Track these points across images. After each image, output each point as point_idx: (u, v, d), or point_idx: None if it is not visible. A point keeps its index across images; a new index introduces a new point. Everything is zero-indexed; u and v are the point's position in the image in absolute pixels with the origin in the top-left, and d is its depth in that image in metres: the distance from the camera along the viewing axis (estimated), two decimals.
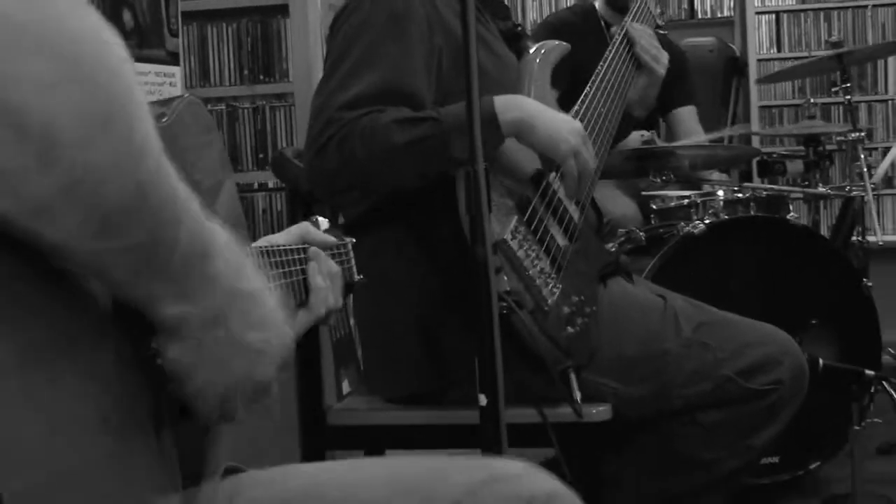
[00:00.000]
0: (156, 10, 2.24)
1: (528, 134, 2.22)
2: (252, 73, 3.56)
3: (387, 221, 2.35)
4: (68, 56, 0.77)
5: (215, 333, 1.00)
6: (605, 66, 2.60)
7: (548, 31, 4.38)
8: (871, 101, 5.89)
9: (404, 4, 2.27)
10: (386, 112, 2.13)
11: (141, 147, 0.84)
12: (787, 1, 6.02)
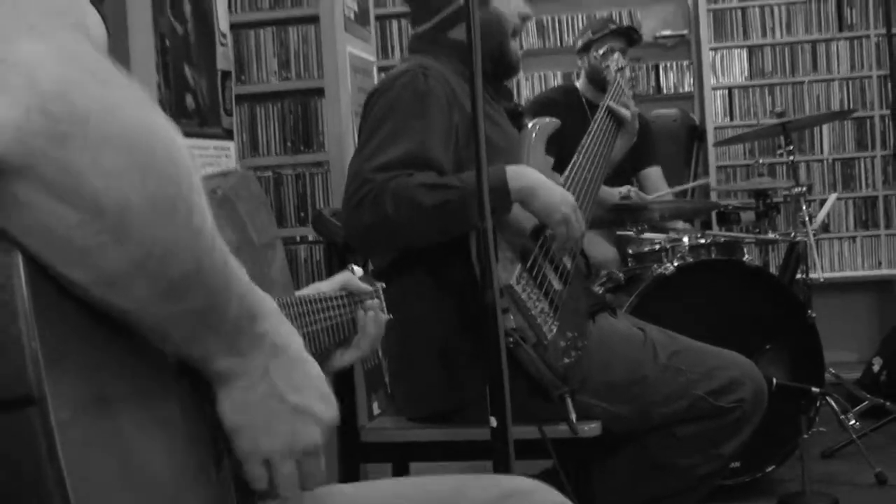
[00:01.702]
0: (213, 94, 2.23)
1: (530, 201, 2.24)
2: (294, 145, 3.56)
3: (410, 268, 2.35)
4: (138, 148, 0.75)
5: (262, 387, 0.97)
6: (589, 138, 2.61)
7: (539, 107, 4.40)
8: (810, 161, 5.89)
9: (426, 87, 2.29)
10: (414, 176, 2.15)
11: (199, 226, 0.82)
12: (738, 78, 6.03)
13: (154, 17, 2.02)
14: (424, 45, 2.55)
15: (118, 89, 0.75)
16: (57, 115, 0.69)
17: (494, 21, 2.49)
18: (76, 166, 0.71)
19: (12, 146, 0.68)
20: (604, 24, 4.51)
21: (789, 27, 5.97)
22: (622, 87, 2.81)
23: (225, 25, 2.35)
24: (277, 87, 3.57)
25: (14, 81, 0.68)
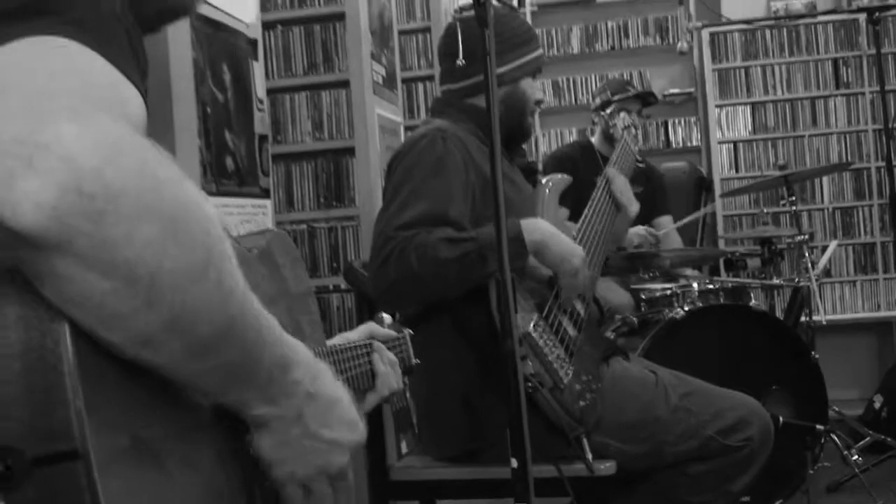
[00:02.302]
0: (251, 156, 2.25)
1: (543, 253, 2.24)
2: (327, 200, 3.57)
3: (435, 317, 2.35)
4: (170, 220, 0.75)
5: (296, 430, 0.97)
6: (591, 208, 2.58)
7: (556, 162, 4.42)
8: (812, 210, 5.87)
9: (444, 150, 2.30)
10: (433, 232, 2.14)
11: (230, 288, 0.82)
12: (742, 133, 6.02)
13: (196, 86, 2.03)
14: (444, 108, 2.56)
15: (152, 165, 0.75)
16: (91, 193, 0.70)
17: (519, 98, 2.52)
18: (111, 239, 0.71)
19: (50, 225, 0.69)
20: (622, 87, 4.51)
21: (789, 85, 5.98)
22: (629, 144, 2.81)
23: (262, 92, 2.37)
24: (311, 147, 3.59)
25: (51, 163, 0.69)
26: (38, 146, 0.69)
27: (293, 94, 3.60)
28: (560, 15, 6.67)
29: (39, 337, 0.72)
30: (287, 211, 3.58)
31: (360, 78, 3.50)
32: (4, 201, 0.68)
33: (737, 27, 5.92)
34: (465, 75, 2.50)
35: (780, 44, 6.00)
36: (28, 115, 0.71)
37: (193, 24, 2.05)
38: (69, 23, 0.82)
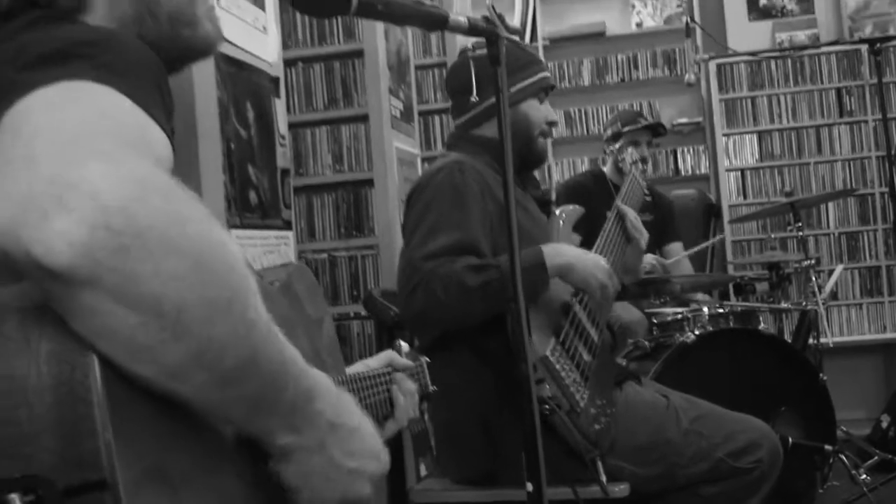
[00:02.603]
0: (274, 189, 2.26)
1: (568, 274, 2.24)
2: (347, 230, 3.58)
3: (453, 343, 2.34)
4: (195, 255, 0.76)
5: (319, 459, 0.97)
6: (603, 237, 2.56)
7: (570, 191, 4.41)
8: (818, 235, 5.85)
9: (462, 181, 2.31)
10: (457, 261, 2.15)
11: (254, 321, 0.83)
12: (749, 161, 6.01)
13: (221, 124, 2.05)
14: (458, 141, 2.57)
15: (178, 203, 0.76)
16: (119, 230, 0.70)
17: (521, 121, 2.51)
18: (138, 274, 0.72)
19: (79, 261, 0.69)
20: (633, 118, 4.49)
21: (795, 114, 5.97)
22: (637, 178, 2.81)
23: (284, 128, 2.38)
24: (332, 179, 3.60)
25: (81, 202, 0.70)
26: (69, 186, 0.70)
27: (314, 129, 3.62)
28: (571, 48, 6.69)
29: (69, 370, 0.73)
30: (309, 241, 3.59)
31: (379, 112, 3.52)
32: (37, 240, 0.69)
33: (743, 58, 5.93)
34: (469, 107, 2.51)
35: (785, 74, 6.00)
36: (59, 157, 0.72)
37: (218, 65, 2.06)
38: (98, 67, 0.84)
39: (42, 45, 0.88)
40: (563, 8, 6.78)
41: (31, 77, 0.81)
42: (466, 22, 1.37)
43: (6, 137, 0.75)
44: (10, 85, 0.81)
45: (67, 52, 0.85)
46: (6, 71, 0.86)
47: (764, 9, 6.31)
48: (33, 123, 0.75)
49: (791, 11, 6.27)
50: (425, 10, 1.34)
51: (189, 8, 1.19)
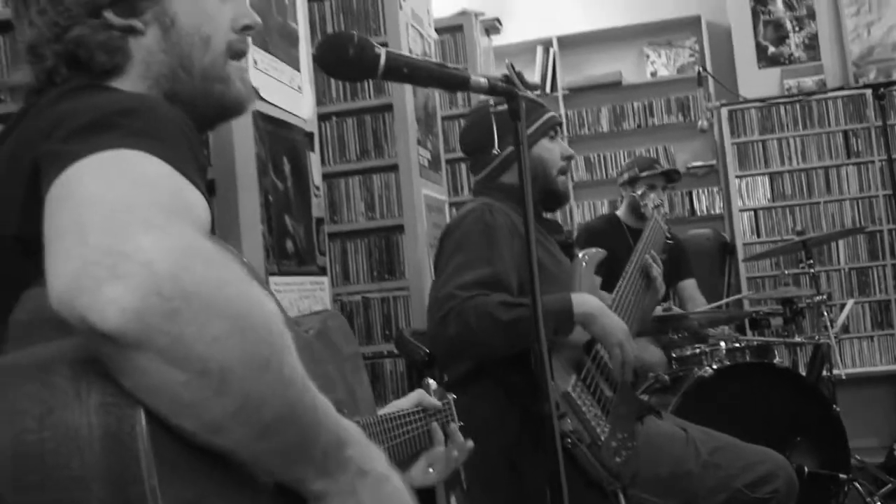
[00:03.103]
0: (309, 238, 2.27)
1: (591, 325, 2.23)
2: (379, 274, 3.59)
3: (480, 379, 2.34)
4: (237, 317, 0.77)
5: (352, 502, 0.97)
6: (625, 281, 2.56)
7: (588, 235, 4.41)
8: (829, 271, 5.81)
9: (492, 220, 2.32)
10: (492, 295, 2.15)
11: (290, 376, 0.83)
12: (762, 201, 5.99)
13: (259, 178, 2.07)
14: (484, 189, 2.58)
15: (219, 268, 0.77)
16: (169, 296, 0.72)
17: (538, 164, 2.52)
18: (185, 336, 0.73)
19: (131, 325, 0.71)
20: (650, 164, 4.50)
21: (804, 156, 5.95)
22: (659, 222, 2.81)
23: (318, 179, 2.40)
24: (364, 226, 3.63)
25: (133, 270, 0.71)
26: (121, 255, 0.71)
27: (347, 178, 3.65)
28: (590, 97, 6.71)
29: (117, 422, 0.74)
30: (343, 284, 3.60)
31: (408, 162, 3.54)
32: (92, 307, 0.70)
33: (753, 105, 5.93)
34: (487, 162, 2.53)
35: (794, 118, 5.99)
36: (108, 227, 0.73)
37: (256, 123, 2.09)
38: (134, 134, 0.85)
39: (79, 117, 0.90)
40: (581, 59, 6.82)
41: (71, 149, 0.82)
42: (486, 82, 1.39)
43: (54, 210, 0.77)
44: (53, 157, 0.83)
45: (104, 121, 0.87)
46: (46, 143, 0.88)
47: (773, 57, 6.32)
48: (79, 195, 0.77)
49: (798, 59, 6.28)
50: (447, 72, 1.35)
51: (221, 65, 1.21)
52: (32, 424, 0.73)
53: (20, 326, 0.79)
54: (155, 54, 1.16)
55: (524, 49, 6.82)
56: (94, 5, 1.13)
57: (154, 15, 1.16)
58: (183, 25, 1.17)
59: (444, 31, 5.09)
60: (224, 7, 1.22)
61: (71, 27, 1.12)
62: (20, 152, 0.93)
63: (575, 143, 6.69)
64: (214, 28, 1.20)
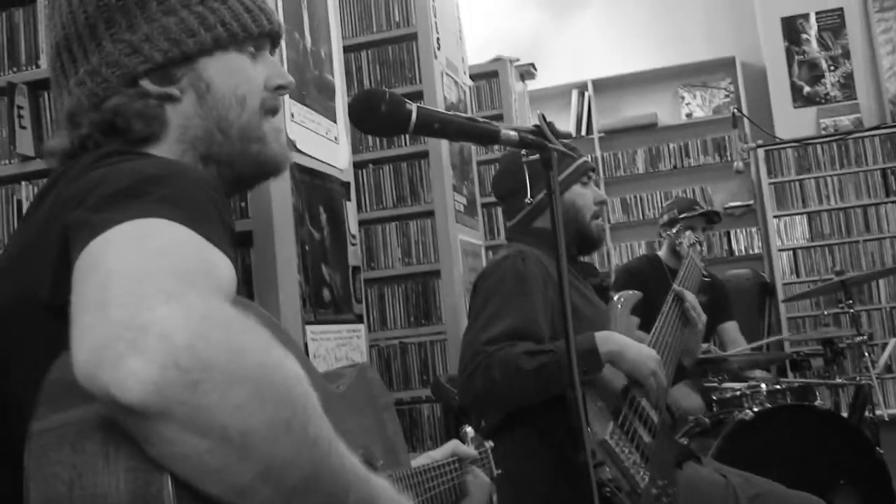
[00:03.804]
0: (346, 286, 2.28)
1: (619, 361, 2.20)
2: (416, 319, 3.59)
3: (519, 427, 2.31)
4: (257, 382, 0.77)
5: None
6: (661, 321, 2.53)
7: (627, 275, 4.38)
8: (870, 310, 5.73)
9: (525, 269, 2.31)
10: (517, 346, 2.14)
11: (315, 437, 0.83)
12: (800, 241, 5.94)
13: (296, 228, 2.08)
14: (517, 235, 2.58)
15: (238, 334, 0.77)
16: (187, 367, 0.72)
17: (570, 209, 2.51)
18: (206, 405, 0.73)
19: (152, 398, 0.71)
20: (689, 206, 4.47)
21: (842, 195, 5.90)
22: (695, 260, 2.78)
23: (354, 228, 2.42)
24: (401, 272, 3.64)
25: (152, 343, 0.72)
26: (140, 329, 0.72)
27: (384, 225, 3.67)
28: (625, 139, 6.71)
29: (145, 486, 0.74)
30: (381, 329, 3.61)
31: (444, 208, 3.55)
32: (113, 381, 0.71)
33: (790, 145, 5.89)
34: (519, 208, 2.53)
35: (831, 157, 5.95)
36: (130, 299, 0.74)
37: (293, 174, 2.11)
38: (161, 201, 0.86)
39: (109, 185, 0.91)
40: (617, 102, 6.83)
41: (99, 218, 0.84)
42: (517, 135, 1.39)
43: (80, 281, 0.78)
44: (82, 226, 0.84)
45: (132, 189, 0.89)
46: (77, 210, 0.89)
47: (808, 96, 6.29)
48: (103, 268, 0.78)
49: (834, 98, 6.24)
50: (478, 126, 1.36)
51: (258, 124, 1.23)
52: (63, 489, 0.74)
53: (54, 389, 0.80)
54: (191, 118, 1.18)
55: (559, 93, 6.85)
56: (132, 75, 1.15)
57: (190, 81, 1.17)
58: (218, 88, 1.19)
59: (479, 77, 5.13)
60: (257, 68, 1.24)
61: (109, 97, 1.14)
62: (53, 218, 0.95)
63: (611, 184, 6.68)
64: (249, 89, 1.22)
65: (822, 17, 6.33)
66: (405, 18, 3.71)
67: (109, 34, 1.16)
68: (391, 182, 3.67)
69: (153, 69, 1.15)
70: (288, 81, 1.28)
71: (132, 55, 1.15)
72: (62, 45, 1.19)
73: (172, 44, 1.16)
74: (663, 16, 6.79)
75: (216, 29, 1.19)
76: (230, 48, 1.21)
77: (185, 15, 1.18)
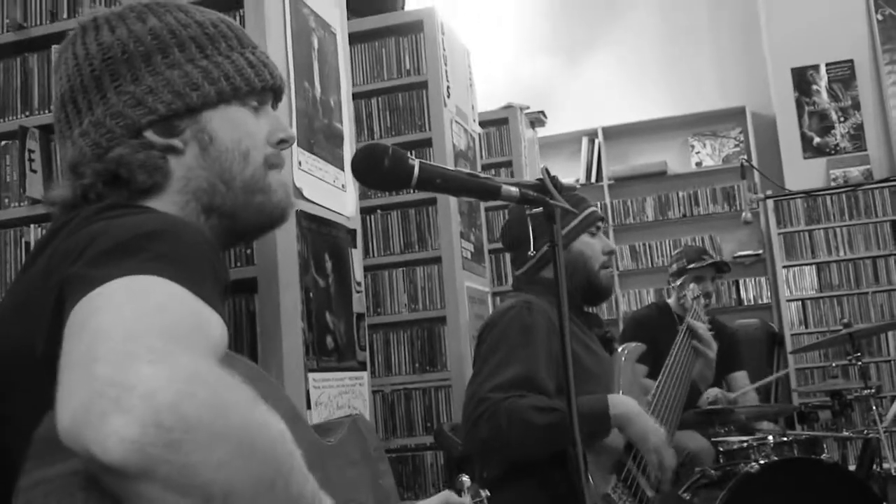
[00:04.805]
0: (350, 333, 2.28)
1: (626, 427, 2.20)
2: (421, 365, 3.59)
3: (520, 479, 2.30)
4: (240, 442, 0.77)
5: None
6: (671, 359, 2.55)
7: (636, 323, 4.38)
8: (879, 362, 5.69)
9: (531, 320, 2.31)
10: (526, 398, 2.13)
11: (298, 494, 0.83)
12: (809, 291, 5.92)
13: (301, 275, 2.09)
14: (524, 284, 2.58)
15: (222, 394, 0.77)
16: (170, 426, 0.72)
17: (578, 259, 2.51)
18: (188, 465, 0.73)
19: (133, 457, 0.71)
20: (698, 256, 4.46)
21: (851, 246, 5.89)
22: (699, 313, 2.79)
23: (359, 275, 2.42)
24: (407, 317, 3.63)
25: (133, 402, 0.72)
26: (124, 387, 0.72)
27: (391, 270, 3.67)
28: (635, 187, 6.73)
29: None
30: (386, 375, 3.60)
31: (451, 254, 3.56)
32: (95, 439, 0.71)
33: (799, 195, 5.90)
34: (527, 258, 2.54)
35: (840, 208, 5.95)
36: (116, 358, 0.74)
37: (299, 221, 2.12)
38: (155, 259, 0.87)
39: (105, 240, 0.92)
40: (627, 149, 6.86)
41: (93, 274, 0.85)
42: (517, 191, 1.39)
43: (69, 338, 0.79)
44: (76, 282, 0.85)
45: (127, 246, 0.89)
46: (73, 265, 0.90)
47: (818, 147, 6.30)
48: (92, 326, 0.78)
49: (844, 149, 6.25)
50: (479, 182, 1.37)
51: (262, 177, 1.24)
52: None
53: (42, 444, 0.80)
54: (194, 170, 1.19)
55: (569, 139, 6.88)
56: (135, 126, 1.16)
57: (193, 133, 1.19)
58: (222, 141, 1.20)
59: (489, 123, 5.16)
60: (260, 122, 1.25)
61: (112, 147, 1.15)
62: (51, 270, 0.96)
63: (620, 232, 6.68)
64: (252, 143, 1.23)
65: (832, 69, 6.36)
66: (415, 67, 3.74)
67: (114, 86, 1.17)
68: (399, 228, 3.68)
69: (157, 121, 1.17)
70: (289, 135, 1.29)
71: (136, 107, 1.16)
72: (67, 97, 1.21)
73: (176, 96, 1.17)
74: (674, 65, 6.83)
75: (220, 83, 1.21)
76: (233, 102, 1.22)
77: (189, 69, 1.19)
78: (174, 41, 1.20)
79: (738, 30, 6.76)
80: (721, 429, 3.82)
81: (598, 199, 6.61)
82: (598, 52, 7.06)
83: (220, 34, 1.25)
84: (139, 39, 1.19)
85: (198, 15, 1.26)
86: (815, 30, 6.32)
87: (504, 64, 7.08)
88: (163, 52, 1.19)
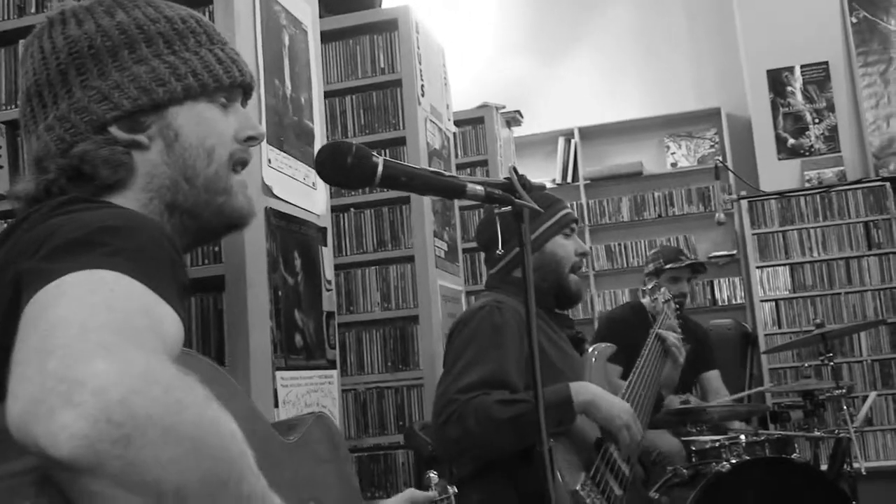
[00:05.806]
0: (319, 332, 2.28)
1: (593, 412, 2.21)
2: (393, 364, 3.58)
3: (490, 477, 2.31)
4: (192, 439, 0.77)
5: None
6: (642, 360, 2.57)
7: (611, 323, 4.40)
8: (851, 363, 5.74)
9: (501, 320, 2.32)
10: (491, 395, 2.14)
11: (249, 493, 0.83)
12: (783, 292, 5.96)
13: (269, 273, 2.08)
14: (497, 284, 2.59)
15: (175, 392, 0.77)
16: (120, 422, 0.72)
17: (551, 261, 2.52)
18: (139, 461, 0.73)
19: (81, 452, 0.71)
20: (676, 256, 4.48)
21: (825, 247, 5.93)
22: (669, 315, 2.81)
23: (330, 274, 2.42)
24: (379, 316, 3.63)
25: (84, 398, 0.72)
26: (75, 382, 0.72)
27: (364, 269, 3.67)
28: (611, 187, 6.75)
29: None
30: (358, 373, 3.60)
31: (424, 253, 3.56)
32: (44, 433, 0.71)
33: (773, 196, 5.94)
34: (500, 258, 2.55)
35: (814, 210, 5.99)
36: (69, 352, 0.74)
37: (268, 219, 2.11)
38: (113, 254, 0.87)
39: (63, 234, 0.91)
40: (603, 150, 6.88)
41: (50, 267, 0.84)
42: (483, 190, 1.40)
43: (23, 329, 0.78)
44: (32, 275, 0.85)
45: (85, 240, 0.89)
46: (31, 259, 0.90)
47: (792, 148, 6.34)
48: (46, 319, 0.78)
49: (818, 150, 6.30)
50: (444, 180, 1.37)
51: (224, 177, 1.23)
52: None
53: None
54: (158, 167, 1.18)
55: (546, 139, 6.90)
56: (100, 122, 1.15)
57: (158, 129, 1.18)
58: (187, 138, 1.19)
59: (464, 123, 5.16)
60: (228, 118, 1.25)
61: (77, 142, 1.15)
62: (9, 264, 0.95)
63: (596, 232, 6.70)
64: (218, 140, 1.22)
65: (807, 71, 6.40)
66: (390, 65, 3.74)
67: (80, 81, 1.17)
68: (372, 226, 3.67)
69: (122, 116, 1.16)
70: (258, 133, 1.28)
71: (101, 102, 1.16)
72: (33, 91, 1.20)
73: (142, 92, 1.17)
74: (650, 66, 6.87)
75: (187, 79, 1.20)
76: (200, 98, 1.22)
77: (156, 64, 1.19)
78: (142, 36, 1.20)
79: (714, 31, 6.80)
80: (693, 428, 3.85)
81: (573, 199, 6.62)
82: (575, 53, 7.08)
83: (189, 30, 1.24)
84: (106, 34, 1.18)
85: (167, 10, 1.25)
86: (790, 32, 6.37)
87: (481, 63, 7.09)
88: (130, 47, 1.18)
